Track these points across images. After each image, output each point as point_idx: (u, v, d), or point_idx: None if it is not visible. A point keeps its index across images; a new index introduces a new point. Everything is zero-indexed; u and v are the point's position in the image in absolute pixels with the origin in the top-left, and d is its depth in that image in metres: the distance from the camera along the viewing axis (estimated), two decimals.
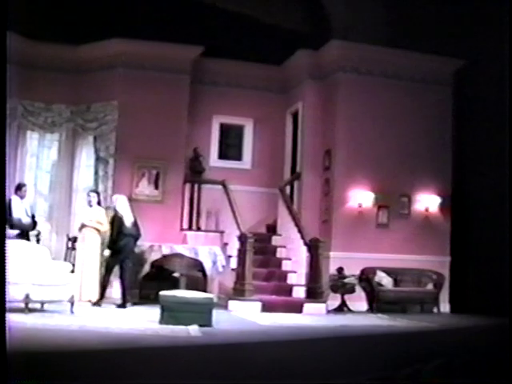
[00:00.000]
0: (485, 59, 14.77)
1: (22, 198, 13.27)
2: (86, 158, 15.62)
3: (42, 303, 11.03)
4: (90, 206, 13.84)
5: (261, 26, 15.23)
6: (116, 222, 12.75)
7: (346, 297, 14.23)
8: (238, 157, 16.67)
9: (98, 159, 15.23)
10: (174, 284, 12.88)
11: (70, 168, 15.58)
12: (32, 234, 12.91)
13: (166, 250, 13.40)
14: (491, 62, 14.55)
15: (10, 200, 13.35)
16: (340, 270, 14.25)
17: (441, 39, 15.18)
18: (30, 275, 10.53)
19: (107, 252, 12.78)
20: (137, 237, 12.89)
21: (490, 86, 14.58)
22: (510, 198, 13.28)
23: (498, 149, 13.84)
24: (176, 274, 13.49)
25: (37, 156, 15.62)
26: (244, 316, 12.03)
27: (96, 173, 15.20)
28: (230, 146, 16.72)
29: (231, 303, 12.94)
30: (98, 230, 13.68)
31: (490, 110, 14.77)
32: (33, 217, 13.02)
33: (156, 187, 15.19)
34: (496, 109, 14.04)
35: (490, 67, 14.64)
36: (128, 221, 12.76)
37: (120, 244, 12.64)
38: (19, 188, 13.36)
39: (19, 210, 13.02)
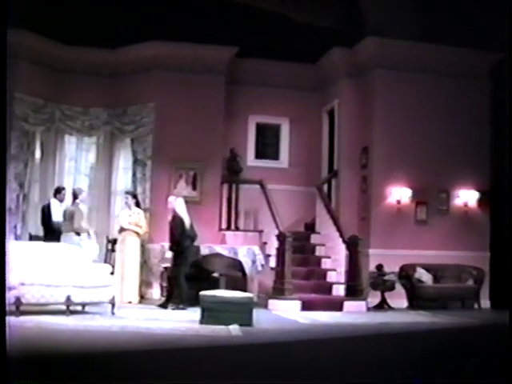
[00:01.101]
0: None
1: (60, 201, 13.38)
2: (123, 160, 15.75)
3: (83, 305, 11.12)
4: (128, 207, 13.92)
5: (295, 25, 15.15)
6: (178, 223, 12.64)
7: (386, 294, 14.19)
8: (275, 156, 16.65)
9: (135, 161, 15.33)
10: (214, 284, 12.89)
11: (108, 171, 15.71)
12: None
13: (205, 251, 13.43)
14: None
15: (49, 203, 13.49)
16: (379, 267, 14.21)
17: (478, 33, 15.03)
18: (71, 278, 10.63)
19: (169, 254, 12.77)
20: (193, 238, 12.86)
21: None
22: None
23: None
24: (215, 274, 13.52)
25: (75, 159, 15.75)
26: (284, 315, 12.06)
27: (134, 175, 15.30)
28: (267, 145, 16.71)
29: (271, 302, 12.97)
30: (137, 233, 13.75)
31: None
32: None
33: (194, 188, 15.23)
34: None
35: None
36: (187, 222, 12.75)
37: (184, 245, 12.60)
38: (58, 191, 13.48)
39: (58, 213, 13.11)
